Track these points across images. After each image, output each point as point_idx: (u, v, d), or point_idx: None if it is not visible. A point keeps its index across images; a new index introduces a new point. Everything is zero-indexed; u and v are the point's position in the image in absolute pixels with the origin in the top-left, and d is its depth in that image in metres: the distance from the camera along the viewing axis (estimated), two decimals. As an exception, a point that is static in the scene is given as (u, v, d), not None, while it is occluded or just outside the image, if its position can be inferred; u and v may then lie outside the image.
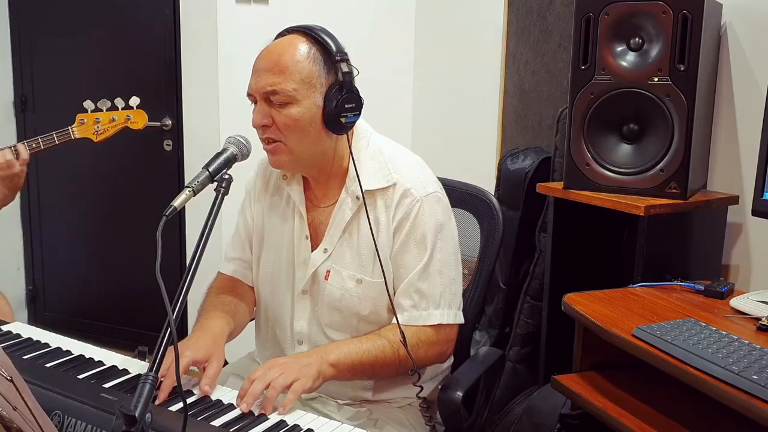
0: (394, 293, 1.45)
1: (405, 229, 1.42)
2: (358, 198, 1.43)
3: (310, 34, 1.39)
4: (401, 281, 1.44)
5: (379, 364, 1.40)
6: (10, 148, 2.02)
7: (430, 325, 1.44)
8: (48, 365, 1.33)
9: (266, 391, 1.23)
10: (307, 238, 1.49)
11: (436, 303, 1.44)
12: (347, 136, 1.42)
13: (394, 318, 1.43)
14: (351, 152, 1.43)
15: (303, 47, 1.37)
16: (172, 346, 1.05)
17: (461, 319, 1.50)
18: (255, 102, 1.40)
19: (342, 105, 1.37)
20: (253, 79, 1.39)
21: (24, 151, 2.02)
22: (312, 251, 1.48)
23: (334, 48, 1.37)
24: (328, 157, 1.44)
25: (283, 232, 1.53)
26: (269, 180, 1.58)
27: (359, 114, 1.41)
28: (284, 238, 1.53)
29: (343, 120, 1.38)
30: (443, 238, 1.45)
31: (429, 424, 1.45)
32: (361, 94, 1.41)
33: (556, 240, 2.05)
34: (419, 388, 1.42)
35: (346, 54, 1.39)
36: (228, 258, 1.64)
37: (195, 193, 1.22)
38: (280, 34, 1.43)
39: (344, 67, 1.37)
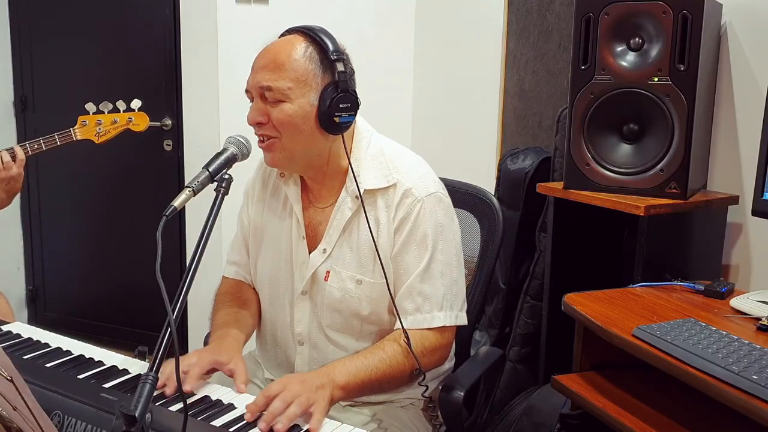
0: (395, 294, 1.45)
1: (406, 229, 1.41)
2: (357, 198, 1.42)
3: (309, 33, 1.39)
4: (402, 283, 1.43)
5: (386, 380, 1.39)
6: (8, 150, 2.01)
7: (433, 330, 1.43)
8: (48, 365, 1.33)
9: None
10: (303, 239, 1.49)
11: (439, 305, 1.43)
12: (342, 136, 1.41)
13: (397, 323, 1.43)
14: (347, 152, 1.42)
15: (300, 46, 1.38)
16: (177, 350, 1.05)
17: (464, 321, 1.48)
18: (252, 99, 1.41)
19: (336, 104, 1.36)
20: (251, 75, 1.40)
21: (20, 151, 2.02)
22: (310, 252, 1.48)
23: (331, 47, 1.37)
24: (323, 157, 1.44)
25: (280, 233, 1.53)
26: (268, 181, 1.58)
27: (354, 114, 1.40)
28: (282, 239, 1.53)
29: (336, 120, 1.37)
30: (444, 239, 1.44)
31: (435, 422, 1.45)
32: (358, 95, 1.40)
33: (556, 240, 2.05)
34: (424, 387, 1.41)
35: (343, 54, 1.39)
36: (229, 261, 1.65)
37: (195, 193, 1.22)
38: (282, 34, 1.44)
39: (340, 67, 1.37)
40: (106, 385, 1.26)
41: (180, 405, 1.17)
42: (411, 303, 1.42)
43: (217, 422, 1.17)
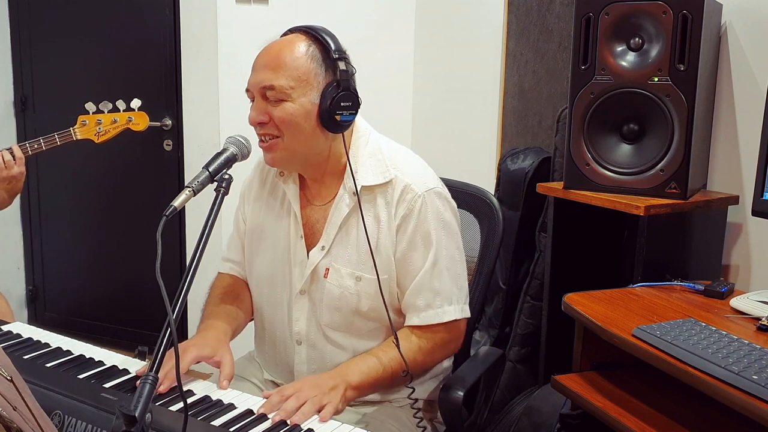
0: (402, 292, 1.45)
1: (410, 226, 1.42)
2: (355, 194, 1.42)
3: (311, 33, 1.40)
4: (411, 279, 1.43)
5: (397, 377, 1.41)
6: (7, 150, 2.01)
7: (444, 324, 1.44)
8: (48, 365, 1.33)
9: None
10: (301, 237, 1.49)
11: (448, 299, 1.44)
12: (342, 135, 1.42)
13: (405, 320, 1.44)
14: (346, 150, 1.43)
15: (302, 45, 1.38)
16: (177, 351, 1.05)
17: (468, 313, 1.50)
18: (253, 99, 1.41)
19: (337, 103, 1.37)
20: (252, 75, 1.40)
21: (18, 150, 2.01)
22: (309, 250, 1.48)
23: (333, 46, 1.38)
24: (323, 155, 1.44)
25: (278, 232, 1.53)
26: (266, 180, 1.58)
27: (355, 113, 1.41)
28: (280, 238, 1.53)
29: (338, 118, 1.38)
30: (448, 234, 1.45)
31: (420, 426, 1.45)
32: (359, 94, 1.41)
33: (556, 240, 2.05)
34: (414, 389, 1.42)
35: (345, 53, 1.39)
36: (225, 259, 1.66)
37: (195, 193, 1.22)
38: (284, 34, 1.44)
39: (342, 66, 1.37)
40: (106, 385, 1.26)
41: (180, 405, 1.17)
42: (422, 299, 1.43)
43: (217, 422, 1.17)
